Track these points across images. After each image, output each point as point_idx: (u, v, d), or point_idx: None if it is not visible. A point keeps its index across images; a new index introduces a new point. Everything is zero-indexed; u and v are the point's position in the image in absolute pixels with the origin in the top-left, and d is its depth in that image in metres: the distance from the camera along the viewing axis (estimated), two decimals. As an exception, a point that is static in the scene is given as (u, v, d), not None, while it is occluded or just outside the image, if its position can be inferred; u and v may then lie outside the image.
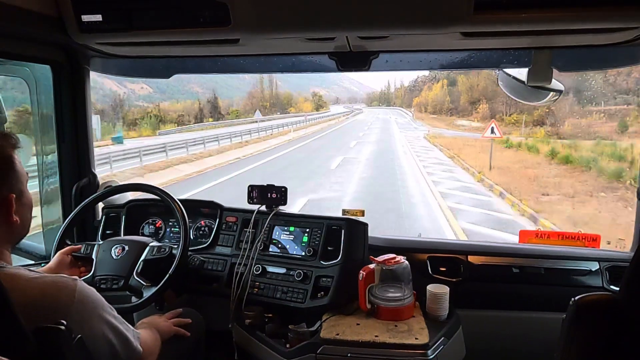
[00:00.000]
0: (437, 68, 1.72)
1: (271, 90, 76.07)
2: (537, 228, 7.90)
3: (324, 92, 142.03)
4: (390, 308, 1.43)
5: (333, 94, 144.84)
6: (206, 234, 1.80)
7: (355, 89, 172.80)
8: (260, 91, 73.58)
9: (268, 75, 68.56)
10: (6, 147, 0.97)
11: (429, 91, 64.74)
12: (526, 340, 1.60)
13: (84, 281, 1.02)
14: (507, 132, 25.71)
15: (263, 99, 71.88)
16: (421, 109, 63.63)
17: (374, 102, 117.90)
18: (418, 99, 69.99)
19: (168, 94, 64.01)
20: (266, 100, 72.40)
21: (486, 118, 38.46)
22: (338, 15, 1.23)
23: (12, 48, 1.45)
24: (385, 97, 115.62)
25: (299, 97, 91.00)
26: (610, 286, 1.58)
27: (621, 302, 0.87)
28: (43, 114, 1.77)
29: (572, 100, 23.22)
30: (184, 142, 18.98)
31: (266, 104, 70.41)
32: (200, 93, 63.05)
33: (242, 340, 1.54)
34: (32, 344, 0.81)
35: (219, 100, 58.13)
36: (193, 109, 53.03)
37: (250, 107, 64.05)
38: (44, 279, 0.94)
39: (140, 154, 16.01)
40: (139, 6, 1.30)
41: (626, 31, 1.23)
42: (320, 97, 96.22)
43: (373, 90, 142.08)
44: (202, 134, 23.28)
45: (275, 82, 75.50)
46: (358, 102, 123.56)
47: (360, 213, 1.70)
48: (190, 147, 18.78)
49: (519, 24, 1.19)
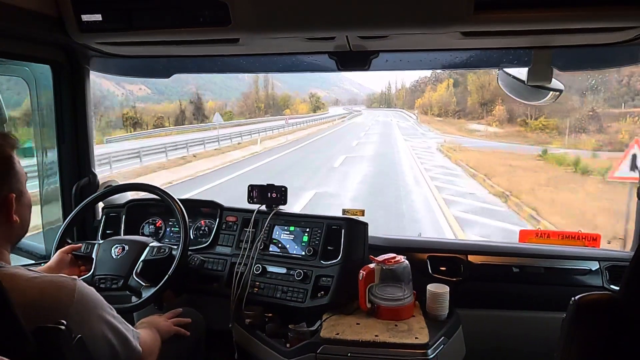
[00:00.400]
0: (437, 68, 1.73)
1: (266, 91, 72.65)
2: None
3: (323, 93, 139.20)
4: (390, 308, 1.43)
5: (333, 96, 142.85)
6: (206, 234, 1.80)
7: (356, 90, 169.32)
8: (255, 92, 70.21)
9: (264, 76, 66.31)
10: (5, 147, 0.97)
11: (433, 92, 61.08)
12: (526, 340, 1.59)
13: (84, 280, 1.02)
14: (540, 140, 20.14)
15: (258, 100, 69.02)
16: (425, 110, 59.24)
17: (374, 103, 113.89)
18: (421, 100, 65.54)
19: (166, 95, 61.26)
20: (261, 102, 69.55)
21: (504, 121, 32.58)
22: (338, 15, 1.23)
23: (12, 48, 1.45)
24: (386, 98, 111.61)
25: (297, 97, 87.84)
26: (610, 286, 1.57)
27: (621, 302, 0.87)
28: (43, 114, 1.77)
29: (589, 100, 19.38)
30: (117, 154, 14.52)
31: (261, 105, 67.85)
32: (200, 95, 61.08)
33: (242, 340, 1.54)
34: (32, 344, 0.81)
35: (204, 102, 55.47)
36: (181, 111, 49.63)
37: (245, 109, 62.26)
38: (43, 278, 0.94)
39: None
40: (139, 6, 1.30)
41: (626, 31, 1.23)
42: (318, 98, 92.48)
43: (373, 92, 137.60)
44: (164, 140, 19.19)
45: (272, 83, 72.53)
46: (358, 103, 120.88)
47: (360, 213, 1.70)
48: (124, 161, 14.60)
49: (519, 23, 1.19)
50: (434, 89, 62.23)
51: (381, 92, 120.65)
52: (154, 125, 39.86)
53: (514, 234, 6.80)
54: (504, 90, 1.68)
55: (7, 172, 0.96)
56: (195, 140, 19.08)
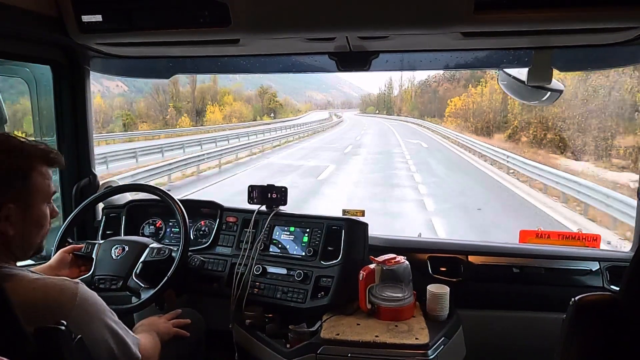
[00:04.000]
0: (437, 68, 1.73)
1: (193, 85, 41.67)
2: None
3: (320, 96, 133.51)
4: (391, 308, 1.43)
5: (330, 99, 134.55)
6: (206, 234, 1.80)
7: (355, 94, 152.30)
8: (172, 85, 38.66)
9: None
10: (20, 158, 0.95)
11: (466, 96, 33.24)
12: (526, 341, 1.59)
13: (83, 280, 1.02)
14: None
15: (176, 97, 40.40)
16: (468, 125, 30.09)
17: (370, 107, 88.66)
18: (450, 108, 35.88)
19: (144, 93, 43.15)
20: (183, 100, 41.23)
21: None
22: (338, 15, 1.23)
23: (12, 48, 1.45)
24: (385, 100, 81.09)
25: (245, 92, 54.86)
26: (610, 286, 1.57)
27: (621, 302, 0.87)
28: (43, 114, 1.77)
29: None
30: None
31: (178, 105, 39.49)
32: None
33: (242, 340, 1.54)
34: (32, 344, 0.81)
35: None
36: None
37: (153, 111, 37.90)
38: (45, 281, 0.94)
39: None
40: (139, 6, 1.30)
41: (626, 31, 1.23)
42: (273, 96, 59.51)
43: (369, 93, 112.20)
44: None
45: (194, 79, 40.10)
46: (353, 107, 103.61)
47: (361, 213, 1.70)
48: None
49: (519, 24, 1.19)
50: (469, 91, 34.02)
51: (379, 93, 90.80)
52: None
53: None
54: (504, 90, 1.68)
55: (12, 183, 0.94)
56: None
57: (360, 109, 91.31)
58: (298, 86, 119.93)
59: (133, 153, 14.29)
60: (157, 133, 27.63)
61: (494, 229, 7.24)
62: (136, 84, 45.62)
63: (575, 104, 17.02)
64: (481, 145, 17.44)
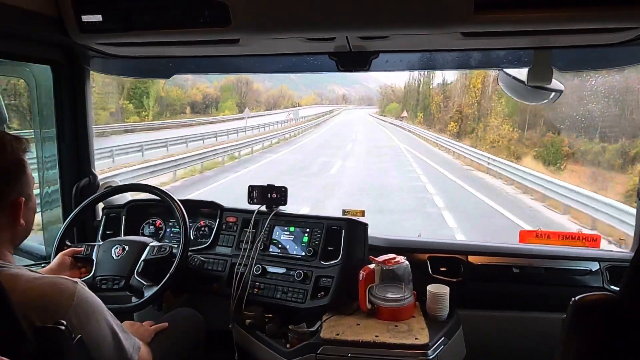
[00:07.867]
0: (437, 68, 1.73)
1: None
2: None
3: (343, 90, 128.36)
4: (391, 308, 1.43)
5: (352, 93, 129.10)
6: (206, 234, 1.80)
7: (380, 89, 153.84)
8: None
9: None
10: (19, 151, 0.96)
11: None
12: (526, 341, 1.59)
13: (85, 282, 1.02)
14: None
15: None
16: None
17: (392, 104, 60.36)
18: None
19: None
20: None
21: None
22: (338, 15, 1.23)
23: (13, 48, 1.45)
24: (418, 98, 41.25)
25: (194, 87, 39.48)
26: (610, 286, 1.57)
27: (621, 302, 0.87)
28: (43, 114, 1.77)
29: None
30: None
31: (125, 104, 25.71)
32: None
33: (242, 340, 1.54)
34: (32, 343, 0.81)
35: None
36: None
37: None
38: (44, 280, 0.94)
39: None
40: (139, 6, 1.30)
41: (626, 31, 1.23)
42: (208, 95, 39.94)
43: (393, 83, 77.47)
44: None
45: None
46: (374, 104, 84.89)
47: (361, 213, 1.70)
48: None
49: (519, 24, 1.19)
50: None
51: (405, 85, 52.73)
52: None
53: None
54: (504, 91, 1.68)
55: (19, 176, 0.96)
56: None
57: (379, 107, 68.41)
58: (321, 78, 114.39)
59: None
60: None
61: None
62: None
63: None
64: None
